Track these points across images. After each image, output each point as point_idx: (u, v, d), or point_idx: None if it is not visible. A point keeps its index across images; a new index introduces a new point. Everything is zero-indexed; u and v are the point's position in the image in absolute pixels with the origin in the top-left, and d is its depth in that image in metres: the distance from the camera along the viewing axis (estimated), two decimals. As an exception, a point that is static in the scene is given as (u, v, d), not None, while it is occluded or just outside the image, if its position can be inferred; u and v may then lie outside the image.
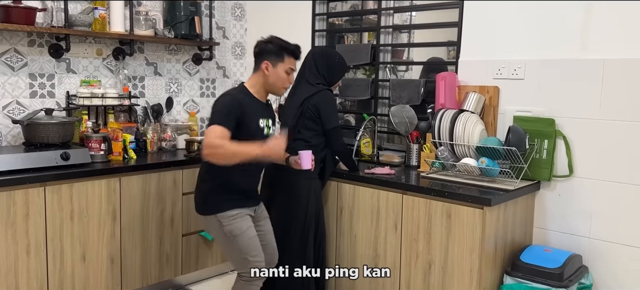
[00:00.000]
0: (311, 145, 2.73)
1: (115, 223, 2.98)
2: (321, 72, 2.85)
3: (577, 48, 2.67)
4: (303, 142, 2.78)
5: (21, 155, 2.72)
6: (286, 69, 2.53)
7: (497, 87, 2.92)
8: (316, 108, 2.77)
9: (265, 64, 2.50)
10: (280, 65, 2.51)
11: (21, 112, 3.12)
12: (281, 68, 2.51)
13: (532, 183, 2.76)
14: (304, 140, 2.79)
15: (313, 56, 2.91)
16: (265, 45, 2.53)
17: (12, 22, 2.87)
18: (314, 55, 2.92)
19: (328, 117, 2.78)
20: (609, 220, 2.63)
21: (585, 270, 2.63)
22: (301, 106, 2.79)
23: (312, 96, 2.78)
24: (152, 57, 3.72)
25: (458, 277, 2.53)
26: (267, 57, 2.50)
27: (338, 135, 2.83)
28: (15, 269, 2.63)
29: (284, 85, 2.56)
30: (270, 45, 2.52)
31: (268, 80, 2.51)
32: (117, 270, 3.03)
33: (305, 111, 2.79)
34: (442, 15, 3.26)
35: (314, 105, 2.77)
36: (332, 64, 2.90)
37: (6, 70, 3.06)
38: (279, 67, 2.51)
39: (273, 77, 2.51)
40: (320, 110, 2.77)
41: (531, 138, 2.72)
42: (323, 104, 2.78)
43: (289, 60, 2.53)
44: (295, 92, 2.86)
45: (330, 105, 2.83)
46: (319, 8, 3.81)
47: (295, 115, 2.80)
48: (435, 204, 2.59)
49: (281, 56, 2.51)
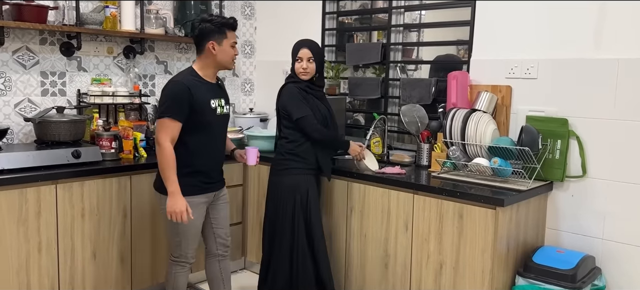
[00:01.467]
0: (291, 141, 2.83)
1: (125, 221, 2.99)
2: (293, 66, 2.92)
3: (590, 47, 2.65)
4: (285, 140, 2.85)
5: (33, 153, 2.73)
6: (230, 43, 2.58)
7: (510, 87, 2.90)
8: (282, 106, 2.84)
9: (211, 44, 2.53)
10: (224, 42, 2.56)
11: (33, 110, 3.14)
12: (226, 44, 2.56)
13: (544, 183, 2.73)
14: (286, 138, 2.85)
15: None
16: (205, 26, 2.54)
17: (24, 20, 2.88)
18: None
19: (291, 109, 2.79)
20: (622, 221, 2.60)
21: (598, 272, 2.61)
22: (277, 104, 2.91)
23: (279, 96, 2.88)
24: (162, 56, 3.72)
25: (469, 278, 2.52)
26: (210, 38, 2.53)
27: (308, 124, 2.77)
28: (26, 267, 2.64)
29: (233, 58, 2.62)
30: (209, 25, 2.54)
31: (217, 59, 2.56)
32: (127, 269, 3.04)
33: (279, 113, 2.89)
34: (451, 14, 3.24)
35: (281, 104, 2.86)
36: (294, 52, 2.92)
37: (18, 68, 3.08)
38: (224, 44, 2.56)
39: (221, 54, 2.56)
40: (285, 106, 2.82)
41: (544, 138, 2.70)
42: (284, 99, 2.84)
43: (230, 34, 2.58)
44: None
45: (290, 97, 2.81)
46: (328, 7, 3.80)
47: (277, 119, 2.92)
48: (447, 204, 2.57)
49: (223, 32, 2.55)
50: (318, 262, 2.84)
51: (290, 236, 2.83)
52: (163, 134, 2.42)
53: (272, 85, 4.11)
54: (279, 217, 2.85)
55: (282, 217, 2.83)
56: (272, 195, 2.90)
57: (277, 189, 2.86)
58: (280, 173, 2.86)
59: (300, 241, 2.81)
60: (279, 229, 2.85)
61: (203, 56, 2.58)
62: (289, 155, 2.83)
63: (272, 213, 2.90)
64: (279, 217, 2.85)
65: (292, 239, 2.83)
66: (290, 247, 2.83)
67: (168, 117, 2.42)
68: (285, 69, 3.98)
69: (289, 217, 2.82)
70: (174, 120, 2.42)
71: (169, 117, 2.42)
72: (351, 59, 3.64)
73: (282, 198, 2.83)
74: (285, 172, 2.84)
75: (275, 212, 2.87)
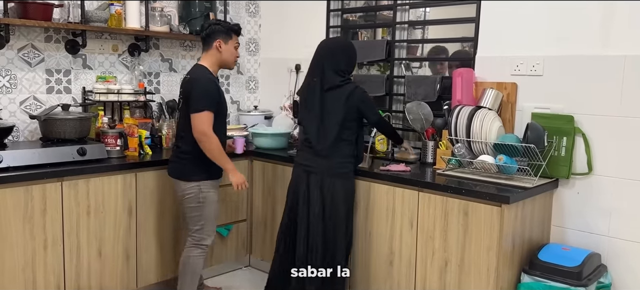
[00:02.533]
0: (351, 142, 2.80)
1: (131, 218, 3.00)
2: (345, 66, 2.80)
3: (597, 44, 2.63)
4: (346, 142, 2.78)
5: (38, 151, 2.74)
6: (234, 44, 2.89)
7: (515, 84, 2.89)
8: (356, 107, 2.74)
9: (218, 42, 2.83)
10: (230, 42, 2.87)
11: (38, 108, 3.14)
12: (231, 44, 2.87)
13: (550, 181, 2.72)
14: (346, 140, 2.78)
15: (330, 51, 2.82)
16: (214, 27, 2.86)
17: (30, 17, 2.89)
18: (332, 50, 2.82)
19: (371, 111, 2.81)
20: (628, 218, 2.59)
21: (604, 269, 2.60)
22: (345, 106, 2.73)
23: (349, 98, 2.73)
24: (167, 53, 3.73)
25: (475, 276, 2.51)
26: (218, 36, 2.83)
27: (386, 122, 3.04)
28: (32, 264, 2.65)
29: (235, 59, 2.92)
30: (218, 26, 2.86)
31: (222, 57, 2.86)
32: (133, 266, 3.04)
33: (347, 113, 2.74)
34: (455, 11, 3.22)
35: (354, 105, 2.74)
36: (351, 54, 2.85)
37: (23, 66, 3.08)
38: (230, 44, 2.87)
39: (226, 53, 2.86)
40: (360, 108, 2.75)
41: (550, 135, 2.69)
42: (364, 101, 2.77)
43: (235, 37, 2.89)
44: (318, 93, 2.78)
45: (369, 99, 2.82)
46: (333, 4, 3.79)
47: (336, 120, 2.75)
48: (452, 202, 2.56)
49: (230, 35, 2.87)
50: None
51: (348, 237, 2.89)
52: (207, 126, 2.69)
53: (277, 82, 4.14)
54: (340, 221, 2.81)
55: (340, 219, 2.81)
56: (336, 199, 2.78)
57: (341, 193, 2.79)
58: (344, 176, 2.80)
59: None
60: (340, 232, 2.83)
61: (209, 54, 2.84)
62: (352, 158, 2.82)
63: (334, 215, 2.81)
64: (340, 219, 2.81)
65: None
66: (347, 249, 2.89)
67: (208, 110, 2.69)
68: (289, 67, 3.99)
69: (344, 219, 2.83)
70: (211, 113, 2.71)
71: (208, 111, 2.69)
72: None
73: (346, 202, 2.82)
74: (347, 176, 2.81)
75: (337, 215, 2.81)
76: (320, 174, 2.77)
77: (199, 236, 2.87)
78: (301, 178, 2.84)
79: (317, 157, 2.79)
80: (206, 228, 2.87)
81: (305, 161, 2.84)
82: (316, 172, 2.78)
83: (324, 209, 2.78)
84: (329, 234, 2.79)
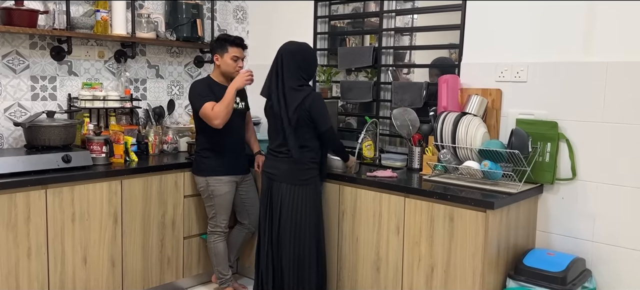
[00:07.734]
0: (311, 149, 2.81)
1: (116, 226, 2.98)
2: (303, 71, 2.81)
3: (580, 51, 2.66)
4: (307, 149, 2.79)
5: (22, 158, 2.71)
6: (231, 56, 3.09)
7: (500, 90, 2.91)
8: (308, 112, 2.74)
9: (216, 57, 3.12)
10: (225, 55, 3.09)
11: (23, 115, 3.12)
12: (227, 57, 3.09)
13: (535, 186, 2.74)
14: (307, 147, 2.79)
15: (291, 55, 2.81)
16: (213, 43, 3.17)
17: (14, 24, 2.87)
18: (291, 55, 2.81)
19: (322, 118, 2.77)
20: (612, 223, 2.61)
21: (588, 274, 2.62)
22: (295, 113, 2.74)
23: (303, 102, 2.73)
24: (154, 60, 3.72)
25: (460, 281, 2.52)
26: (215, 52, 3.12)
27: (334, 135, 2.90)
28: (16, 272, 2.63)
29: (234, 69, 3.10)
30: (216, 42, 3.16)
31: (222, 69, 3.12)
32: (118, 273, 3.02)
33: (300, 118, 2.75)
34: (442, 18, 3.25)
35: (306, 110, 2.74)
36: (310, 60, 2.88)
37: (8, 73, 3.06)
38: (225, 57, 3.09)
39: (224, 65, 3.10)
40: (312, 114, 2.75)
41: (534, 141, 2.71)
42: (315, 107, 2.75)
43: (232, 49, 3.09)
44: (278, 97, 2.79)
45: (323, 106, 2.80)
46: (320, 10, 3.80)
47: (290, 124, 2.75)
48: (438, 207, 2.57)
49: (224, 47, 3.09)
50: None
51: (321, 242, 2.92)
52: (209, 111, 2.93)
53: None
54: (304, 226, 2.83)
55: (308, 225, 2.84)
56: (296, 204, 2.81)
57: (302, 198, 2.82)
58: (305, 182, 2.82)
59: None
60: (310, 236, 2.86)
61: (214, 66, 3.17)
62: (313, 164, 2.84)
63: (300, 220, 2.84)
64: (303, 226, 2.83)
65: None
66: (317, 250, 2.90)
67: (204, 102, 2.94)
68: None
69: (314, 224, 2.86)
70: (207, 103, 2.94)
71: (204, 103, 2.94)
72: (343, 63, 3.65)
73: (315, 207, 2.84)
74: (309, 182, 2.83)
75: (304, 221, 2.84)
76: (281, 181, 2.82)
77: (214, 223, 3.20)
78: (265, 185, 2.91)
79: (279, 163, 2.84)
80: (218, 217, 3.18)
81: (268, 168, 2.90)
82: (278, 180, 2.82)
83: (287, 220, 2.81)
84: (295, 250, 2.83)
